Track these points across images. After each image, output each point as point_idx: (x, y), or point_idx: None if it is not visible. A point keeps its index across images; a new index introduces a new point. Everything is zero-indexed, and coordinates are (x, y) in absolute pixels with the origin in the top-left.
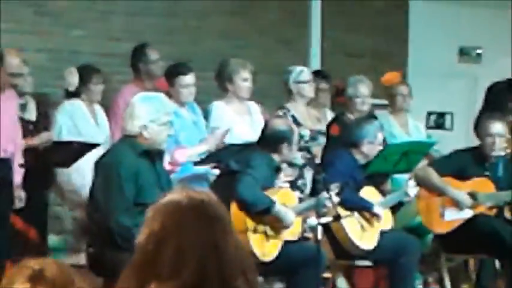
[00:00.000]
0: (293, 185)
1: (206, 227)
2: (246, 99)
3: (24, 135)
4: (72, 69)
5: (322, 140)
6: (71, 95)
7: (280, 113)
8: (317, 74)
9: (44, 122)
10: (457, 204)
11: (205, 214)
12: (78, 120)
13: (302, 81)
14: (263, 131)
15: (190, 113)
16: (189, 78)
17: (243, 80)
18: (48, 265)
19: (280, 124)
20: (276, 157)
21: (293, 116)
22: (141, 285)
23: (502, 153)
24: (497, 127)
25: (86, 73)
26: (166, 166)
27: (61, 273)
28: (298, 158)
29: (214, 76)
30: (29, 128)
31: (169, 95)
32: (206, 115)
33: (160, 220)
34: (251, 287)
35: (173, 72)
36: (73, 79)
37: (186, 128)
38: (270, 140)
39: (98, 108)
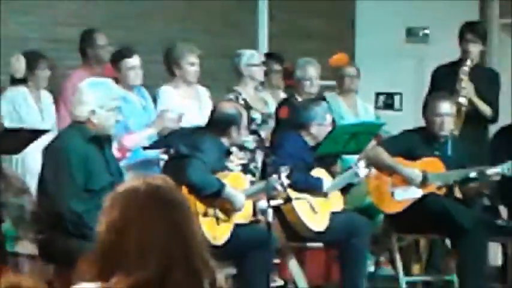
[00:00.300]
0: (245, 169)
1: (167, 213)
2: (194, 83)
3: None
4: (19, 56)
5: (272, 122)
6: (17, 81)
7: (232, 96)
8: (270, 56)
9: None
10: (408, 184)
11: (164, 200)
12: (20, 107)
13: (253, 65)
14: (212, 115)
15: (140, 97)
16: (133, 61)
17: (190, 64)
18: (25, 280)
19: (228, 107)
20: (225, 140)
21: (244, 99)
22: (104, 277)
23: (449, 133)
24: (445, 107)
25: (33, 59)
26: (116, 152)
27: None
28: (250, 141)
29: (162, 60)
30: None
31: (117, 80)
32: (155, 99)
33: (119, 209)
34: (212, 271)
35: (118, 57)
36: (20, 65)
37: (135, 114)
38: (219, 124)
39: (45, 95)
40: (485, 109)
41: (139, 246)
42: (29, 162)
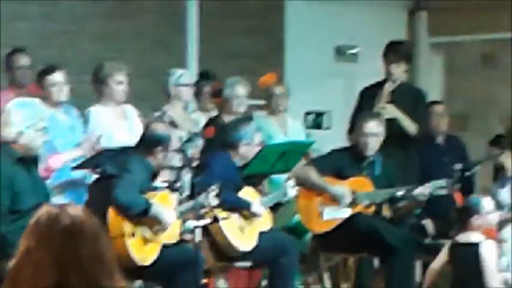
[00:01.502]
0: (170, 187)
1: (62, 241)
2: (122, 102)
3: None
4: None
5: (199, 141)
6: None
7: (158, 114)
8: (202, 76)
9: None
10: (337, 203)
11: (60, 227)
12: None
13: (181, 84)
14: (143, 135)
15: (67, 116)
16: (56, 76)
17: (118, 83)
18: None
19: (157, 128)
20: (152, 161)
21: (170, 117)
22: None
23: (375, 153)
24: (370, 126)
25: None
26: (42, 172)
27: None
28: (175, 160)
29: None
30: None
31: (43, 99)
32: (85, 120)
33: (26, 239)
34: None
35: (41, 74)
36: None
37: (62, 133)
38: (147, 144)
39: None
40: (409, 125)
41: (33, 272)
42: None
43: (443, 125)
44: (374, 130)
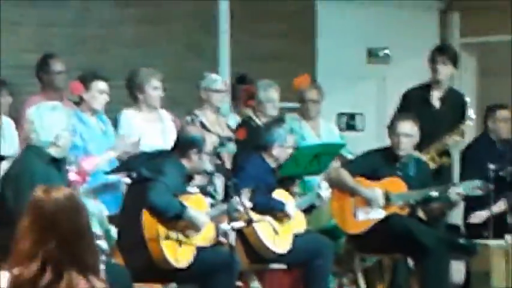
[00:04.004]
0: (203, 192)
1: (46, 220)
2: (157, 107)
3: None
4: None
5: (231, 146)
6: None
7: (189, 118)
8: (240, 80)
9: None
10: (370, 204)
11: (45, 208)
12: None
13: (212, 90)
14: (177, 138)
15: (99, 122)
16: (102, 85)
17: (154, 88)
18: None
19: (192, 131)
20: (186, 163)
21: (201, 122)
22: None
23: (410, 153)
24: (403, 127)
25: None
26: (74, 176)
27: None
28: (207, 164)
29: (124, 85)
30: None
31: (78, 102)
32: (115, 124)
33: (23, 217)
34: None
35: (90, 77)
36: None
37: (95, 138)
38: (181, 147)
39: (6, 121)
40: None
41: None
42: None
43: (506, 130)
44: (408, 131)
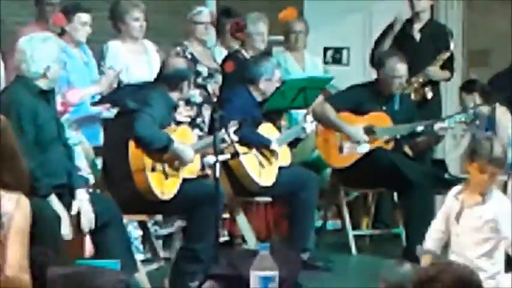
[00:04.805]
0: (192, 123)
1: None
2: (139, 38)
3: None
4: None
5: (219, 77)
6: None
7: (178, 49)
8: (225, 13)
9: None
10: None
11: None
12: None
13: (196, 22)
14: (161, 69)
15: (81, 53)
16: (85, 17)
17: (134, 19)
18: None
19: (180, 63)
20: (174, 95)
21: (191, 53)
22: None
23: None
24: (399, 68)
25: None
26: (59, 106)
27: None
28: (196, 95)
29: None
30: None
31: (60, 33)
32: (103, 55)
33: None
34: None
35: (73, 9)
36: None
37: (77, 69)
38: (171, 79)
39: None
40: (445, 76)
41: None
42: None
43: None
44: (401, 72)
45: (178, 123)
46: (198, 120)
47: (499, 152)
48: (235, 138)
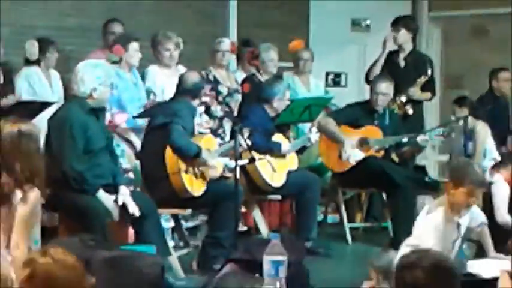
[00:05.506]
0: (215, 133)
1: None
2: (170, 65)
3: None
4: (33, 41)
5: (239, 96)
6: (31, 62)
7: (203, 73)
8: (245, 43)
9: (9, 86)
10: (344, 148)
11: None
12: (34, 84)
13: (219, 50)
14: (181, 84)
15: (132, 76)
16: (136, 45)
17: (166, 49)
18: None
19: (196, 76)
20: (195, 102)
21: (214, 76)
22: None
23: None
24: (382, 87)
25: (44, 44)
26: (107, 123)
27: None
28: (218, 110)
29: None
30: None
31: (120, 60)
32: (143, 77)
33: None
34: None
35: (127, 40)
36: (34, 49)
37: (128, 89)
38: (190, 90)
39: (53, 73)
40: (426, 97)
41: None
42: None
43: (506, 89)
44: (384, 90)
45: (200, 133)
46: (219, 131)
47: (482, 174)
48: (249, 142)
